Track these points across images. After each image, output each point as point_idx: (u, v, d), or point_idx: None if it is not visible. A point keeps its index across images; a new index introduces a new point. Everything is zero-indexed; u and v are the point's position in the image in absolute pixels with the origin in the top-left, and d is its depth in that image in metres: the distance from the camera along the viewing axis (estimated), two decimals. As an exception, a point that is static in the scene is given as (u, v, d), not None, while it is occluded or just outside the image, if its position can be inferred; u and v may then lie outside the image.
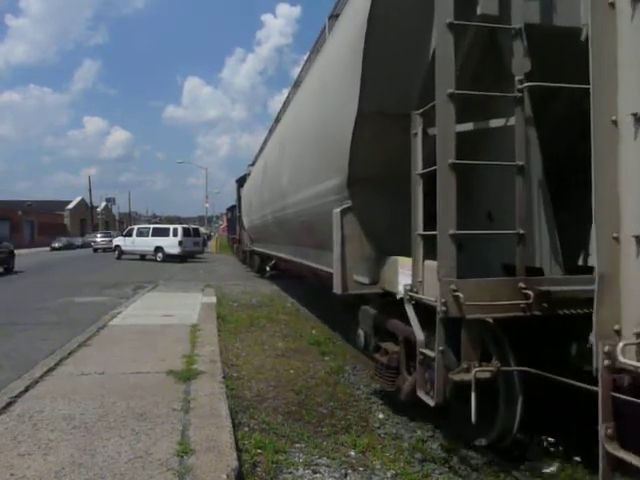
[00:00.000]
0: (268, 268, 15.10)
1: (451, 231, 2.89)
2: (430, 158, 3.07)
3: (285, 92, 16.05)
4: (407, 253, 3.45)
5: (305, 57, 7.71)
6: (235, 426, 3.63)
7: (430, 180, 3.06)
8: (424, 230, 3.22)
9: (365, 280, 3.96)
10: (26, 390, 4.18)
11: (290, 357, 6.08)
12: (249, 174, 15.35)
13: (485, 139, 3.39)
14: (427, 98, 3.09)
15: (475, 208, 3.52)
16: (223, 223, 55.33)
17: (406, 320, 3.41)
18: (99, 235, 42.85)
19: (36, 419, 3.56)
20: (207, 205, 51.52)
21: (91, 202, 71.04)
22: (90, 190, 69.56)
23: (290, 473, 3.15)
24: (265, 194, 9.62)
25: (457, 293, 2.78)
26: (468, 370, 2.84)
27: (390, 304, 3.86)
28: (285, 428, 3.85)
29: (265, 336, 7.30)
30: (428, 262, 3.15)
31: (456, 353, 2.96)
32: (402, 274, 3.50)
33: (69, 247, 44.02)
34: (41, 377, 4.57)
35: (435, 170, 2.96)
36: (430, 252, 3.11)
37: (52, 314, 9.18)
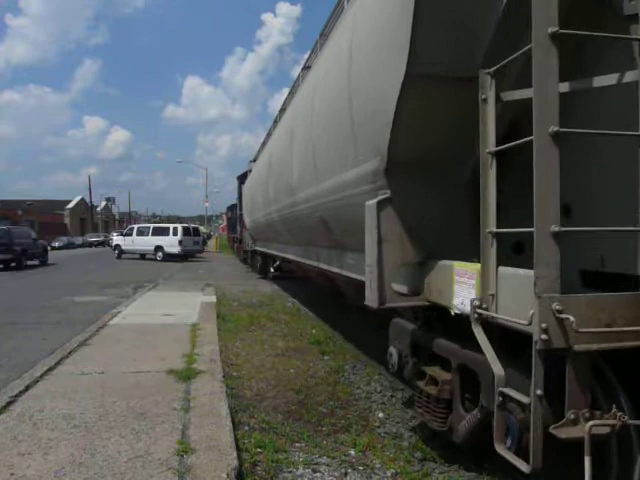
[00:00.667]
0: (272, 270, 14.70)
1: (554, 227, 2.06)
2: (503, 132, 2.47)
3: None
4: (459, 257, 2.83)
5: (316, 39, 6.56)
6: (235, 425, 3.63)
7: (504, 161, 2.45)
8: (497, 227, 2.41)
9: (404, 290, 3.19)
10: (26, 389, 4.18)
11: (290, 356, 6.08)
12: (251, 170, 14.58)
13: (566, 104, 2.53)
14: (497, 55, 2.43)
15: None
16: (223, 222, 55.38)
17: (460, 341, 2.84)
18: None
19: (36, 418, 3.56)
20: (207, 204, 51.73)
21: (91, 201, 71.16)
22: (90, 189, 69.78)
23: (290, 472, 3.15)
24: (270, 190, 8.91)
25: (564, 315, 2.04)
26: (576, 422, 2.09)
27: (434, 319, 3.28)
28: (285, 427, 3.85)
29: (265, 335, 7.30)
30: (504, 269, 2.41)
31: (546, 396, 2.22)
32: (460, 284, 2.77)
33: (69, 246, 45.17)
34: (41, 376, 4.57)
35: (513, 147, 2.28)
36: (505, 256, 2.45)
37: (53, 313, 9.20)
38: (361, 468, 3.23)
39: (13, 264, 20.24)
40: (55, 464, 2.85)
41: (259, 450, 3.38)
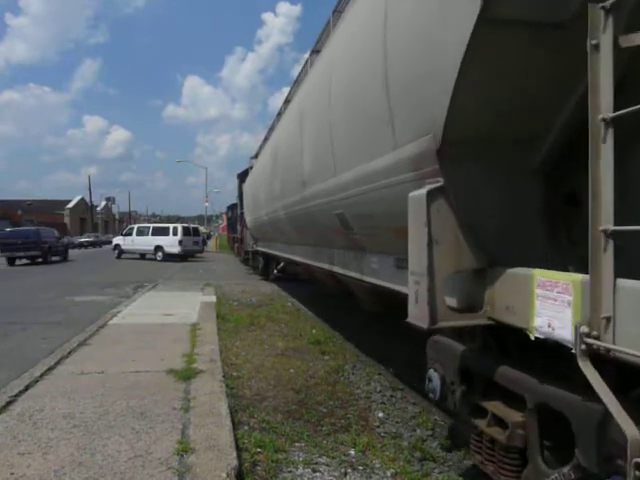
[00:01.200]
0: (276, 271, 14.37)
1: None
2: (623, 90, 1.81)
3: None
4: (529, 263, 2.23)
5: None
6: (235, 425, 3.63)
7: (626, 132, 1.80)
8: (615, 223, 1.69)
9: (456, 304, 2.52)
10: (26, 389, 4.19)
11: (290, 356, 6.08)
12: (252, 167, 13.86)
13: None
14: None
15: None
16: (223, 222, 55.44)
17: (535, 372, 2.24)
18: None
19: (36, 418, 3.56)
20: (207, 204, 51.79)
21: (91, 201, 71.25)
22: (90, 189, 69.88)
23: (290, 472, 3.16)
24: (275, 186, 8.14)
25: None
26: None
27: (492, 339, 2.71)
28: (285, 427, 3.85)
29: (265, 335, 7.30)
30: (627, 283, 1.69)
31: None
32: (543, 300, 2.10)
33: (68, 246, 45.40)
34: (41, 376, 4.57)
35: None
36: (625, 265, 1.77)
37: (55, 312, 9.20)
38: (361, 468, 3.24)
39: (40, 260, 24.01)
40: (55, 464, 2.85)
41: (259, 450, 3.38)
